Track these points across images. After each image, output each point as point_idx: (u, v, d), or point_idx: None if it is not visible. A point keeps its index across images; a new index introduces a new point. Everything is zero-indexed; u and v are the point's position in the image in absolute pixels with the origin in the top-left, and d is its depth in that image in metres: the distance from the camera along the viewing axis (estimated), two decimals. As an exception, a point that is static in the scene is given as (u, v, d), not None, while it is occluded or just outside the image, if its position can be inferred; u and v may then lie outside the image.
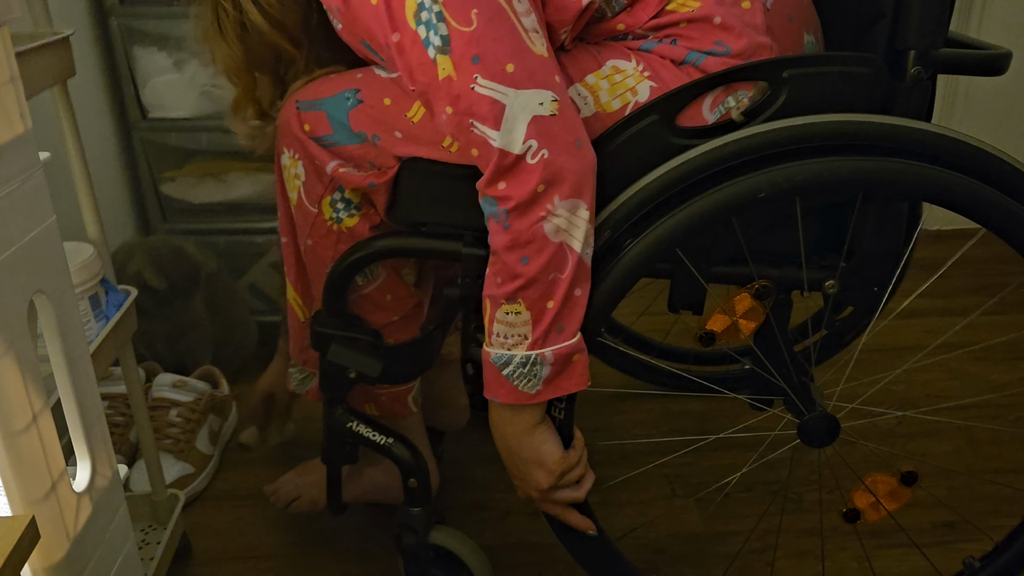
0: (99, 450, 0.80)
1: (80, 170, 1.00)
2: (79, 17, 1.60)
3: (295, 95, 1.01)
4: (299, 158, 1.01)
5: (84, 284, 0.96)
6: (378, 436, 1.09)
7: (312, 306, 1.13)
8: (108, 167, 1.70)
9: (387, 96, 0.95)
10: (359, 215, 1.02)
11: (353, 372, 1.05)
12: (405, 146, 0.95)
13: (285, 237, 1.11)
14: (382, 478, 1.23)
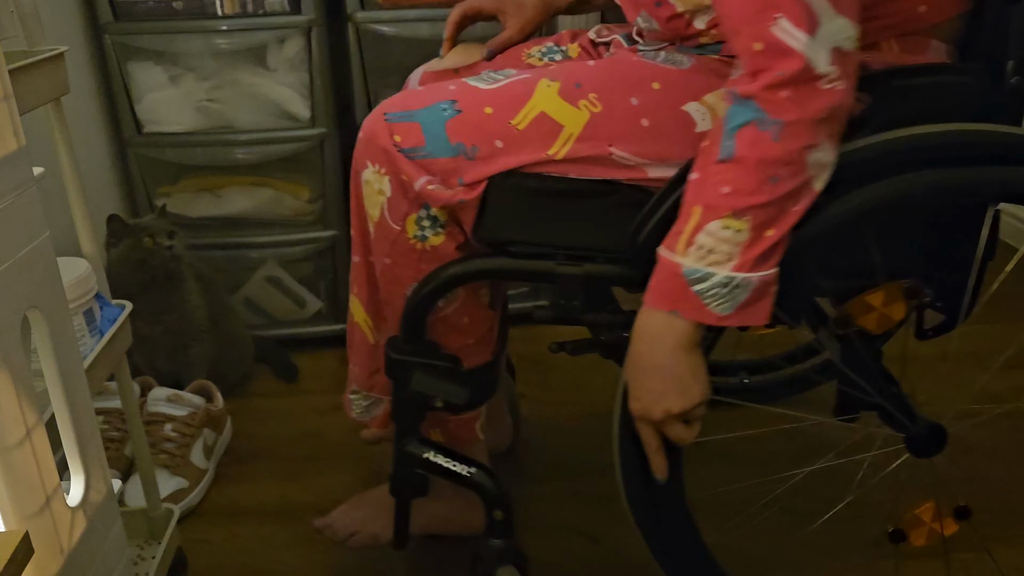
0: (93, 465, 0.80)
1: (74, 185, 1.00)
2: (73, 34, 1.60)
3: (383, 107, 0.99)
4: (385, 173, 0.98)
5: (78, 299, 0.96)
6: (459, 466, 1.05)
7: (383, 328, 1.10)
8: (103, 182, 1.70)
9: (488, 105, 0.94)
10: (444, 234, 0.99)
11: (440, 401, 1.01)
12: (505, 156, 0.93)
13: (357, 256, 1.08)
14: (443, 509, 1.20)
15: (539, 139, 0.92)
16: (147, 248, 1.46)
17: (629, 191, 0.94)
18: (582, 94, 0.94)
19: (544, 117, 0.93)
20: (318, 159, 1.73)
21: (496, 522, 1.05)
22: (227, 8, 1.61)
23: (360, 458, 1.50)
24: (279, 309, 1.86)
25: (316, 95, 1.68)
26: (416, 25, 1.68)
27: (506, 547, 1.06)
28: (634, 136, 0.93)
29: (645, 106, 0.93)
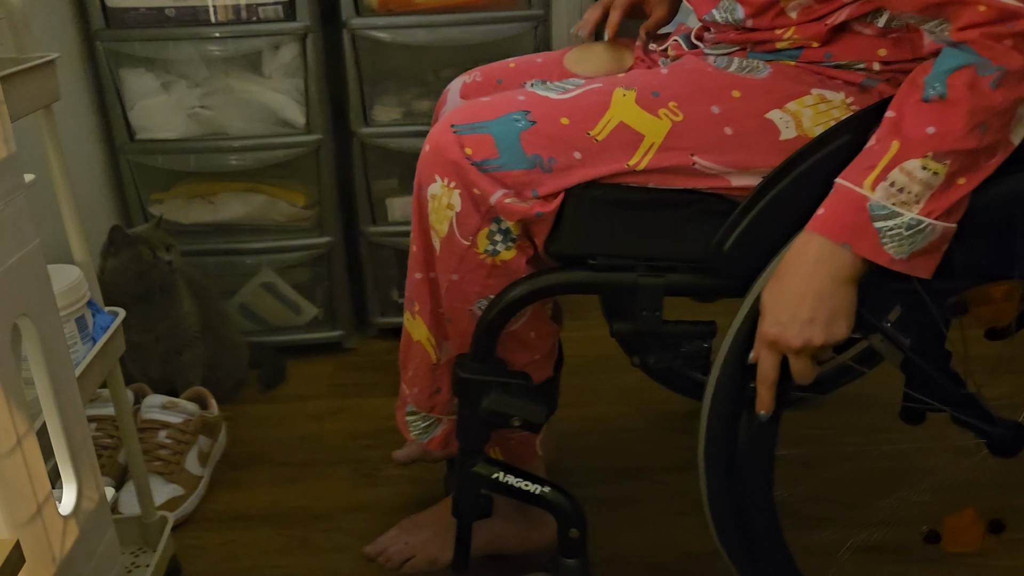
0: (85, 473, 0.80)
1: (65, 192, 1.00)
2: (65, 41, 1.60)
3: (449, 119, 0.96)
4: (455, 187, 0.94)
5: (70, 306, 0.95)
6: (531, 486, 1.02)
7: (444, 347, 1.07)
8: (96, 189, 1.70)
9: (564, 116, 0.93)
10: (515, 248, 0.96)
11: (518, 420, 0.98)
12: (584, 168, 0.92)
13: (419, 273, 1.04)
14: (503, 529, 1.18)
15: (619, 149, 0.91)
16: (146, 261, 1.46)
17: (710, 200, 0.94)
18: (661, 103, 0.93)
19: (624, 127, 0.92)
20: (313, 165, 1.73)
21: (570, 541, 1.02)
22: (220, 15, 1.61)
23: (355, 463, 1.50)
24: (274, 315, 1.86)
25: (311, 101, 1.68)
26: (412, 31, 1.68)
27: (580, 566, 1.03)
28: (717, 145, 0.92)
29: (727, 114, 0.92)
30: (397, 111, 1.77)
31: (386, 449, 1.53)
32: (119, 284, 1.45)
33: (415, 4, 1.67)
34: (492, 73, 1.19)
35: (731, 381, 0.92)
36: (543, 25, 1.72)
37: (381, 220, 1.83)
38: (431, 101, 1.78)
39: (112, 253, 1.45)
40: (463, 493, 1.05)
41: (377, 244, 1.84)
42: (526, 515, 1.18)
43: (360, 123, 1.74)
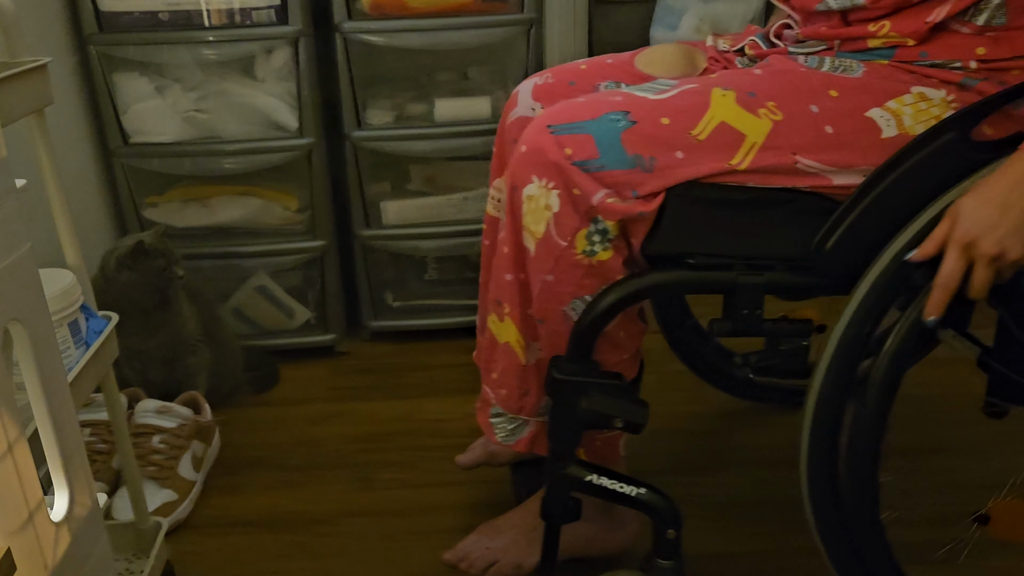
0: (78, 479, 0.80)
1: (58, 197, 0.99)
2: (58, 45, 1.60)
3: (545, 119, 0.96)
4: (553, 187, 0.94)
5: (63, 311, 0.95)
6: (626, 487, 1.01)
7: (532, 348, 1.07)
8: (90, 193, 1.69)
9: (664, 116, 0.93)
10: (612, 248, 0.97)
11: (620, 421, 0.98)
12: (686, 167, 0.92)
13: (511, 274, 1.03)
14: (587, 531, 1.17)
15: (721, 149, 0.92)
16: (164, 276, 1.48)
17: (809, 198, 0.95)
18: (760, 103, 0.94)
19: (725, 127, 0.92)
20: (307, 169, 1.73)
21: (668, 542, 1.01)
22: (214, 19, 1.61)
23: (352, 467, 1.50)
24: (268, 319, 1.85)
25: (304, 105, 1.68)
26: (405, 35, 1.68)
27: (675, 568, 1.03)
28: (818, 144, 0.93)
29: (827, 113, 0.93)
30: (390, 114, 1.77)
31: (383, 453, 1.53)
32: (132, 296, 1.46)
33: (408, 8, 1.67)
34: (563, 75, 1.19)
35: (839, 377, 0.92)
36: (536, 28, 1.72)
37: (375, 223, 1.83)
38: (424, 104, 1.78)
39: (130, 266, 1.45)
40: (553, 496, 1.04)
41: (370, 248, 1.84)
42: (609, 517, 1.18)
43: (353, 126, 1.73)
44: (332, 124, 1.76)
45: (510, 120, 1.20)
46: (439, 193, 1.86)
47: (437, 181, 1.90)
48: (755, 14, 1.93)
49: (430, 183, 1.90)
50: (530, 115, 1.17)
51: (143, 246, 1.44)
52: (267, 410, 1.68)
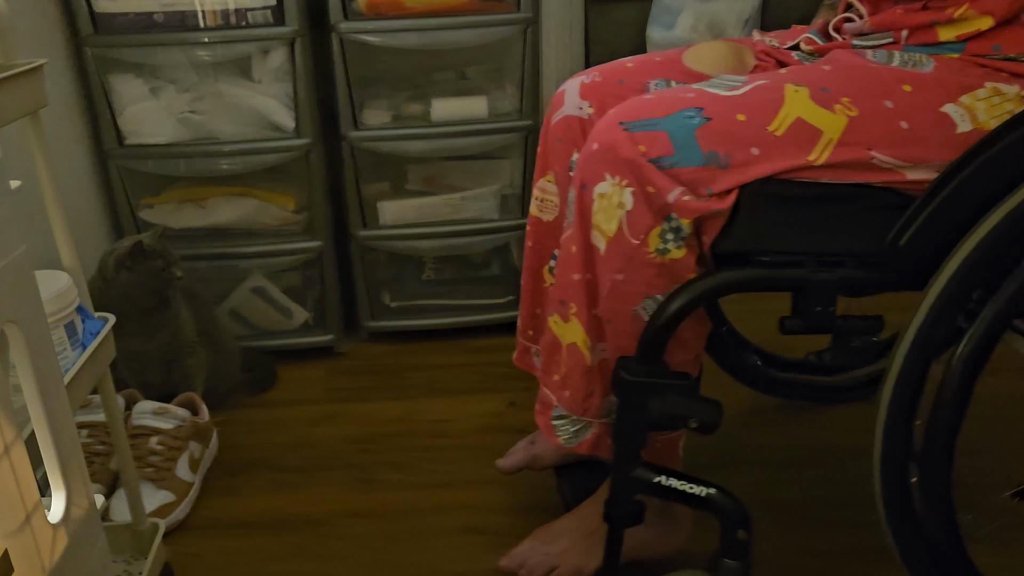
0: (75, 480, 0.79)
1: (53, 198, 0.99)
2: (53, 47, 1.59)
3: (615, 116, 0.96)
4: (627, 185, 0.94)
5: (59, 312, 0.95)
6: (695, 488, 1.00)
7: (596, 349, 1.05)
8: (85, 195, 1.69)
9: (740, 112, 0.93)
10: (685, 247, 0.96)
11: (695, 422, 0.97)
12: (762, 164, 0.92)
13: (578, 274, 1.02)
14: (645, 534, 1.14)
15: (798, 145, 0.92)
16: (163, 277, 1.47)
17: (882, 194, 0.95)
18: (834, 99, 0.94)
19: (802, 123, 0.92)
20: (304, 169, 1.73)
21: (737, 542, 1.00)
22: (209, 20, 1.60)
23: (350, 468, 1.50)
24: (265, 320, 1.85)
25: (300, 105, 1.68)
26: (401, 35, 1.68)
27: (743, 568, 1.02)
28: (894, 139, 0.93)
29: (901, 109, 0.93)
30: (387, 114, 1.77)
31: (382, 454, 1.53)
32: (131, 297, 1.46)
33: (404, 8, 1.67)
34: (611, 73, 1.18)
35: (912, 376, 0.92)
36: (533, 27, 1.71)
37: (372, 224, 1.82)
38: (421, 104, 1.78)
39: (129, 267, 1.44)
40: (618, 499, 1.03)
41: (368, 248, 1.84)
42: (666, 519, 1.17)
43: (350, 127, 1.73)
44: (329, 124, 1.76)
45: (556, 120, 1.19)
46: (437, 193, 1.86)
47: (435, 181, 1.90)
48: (751, 13, 1.93)
49: (428, 183, 1.90)
50: (578, 114, 1.16)
51: (142, 247, 1.44)
52: (265, 411, 1.68)
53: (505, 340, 1.89)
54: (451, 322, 1.91)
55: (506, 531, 1.33)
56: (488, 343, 1.89)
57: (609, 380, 1.05)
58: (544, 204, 1.23)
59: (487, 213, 1.85)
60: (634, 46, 2.04)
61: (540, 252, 1.26)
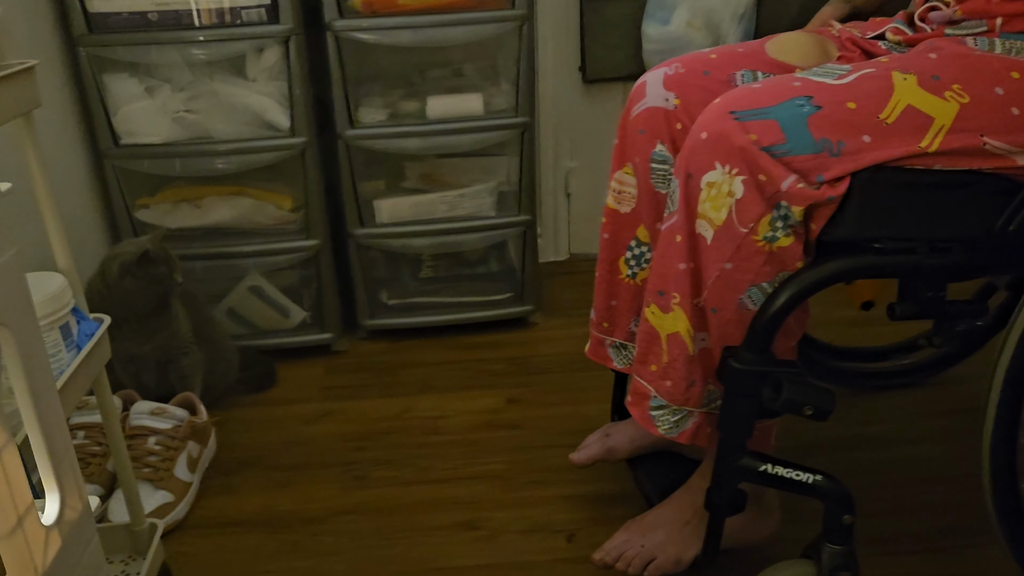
0: (68, 482, 0.79)
1: (47, 200, 0.99)
2: (47, 47, 1.59)
3: (724, 106, 0.97)
4: (736, 173, 0.95)
5: (54, 314, 0.95)
6: (802, 475, 1.00)
7: (697, 338, 1.05)
8: (81, 195, 1.69)
9: (851, 100, 0.94)
10: (793, 235, 0.97)
11: (810, 409, 0.96)
12: (874, 151, 0.93)
13: (684, 263, 1.02)
14: (739, 522, 1.13)
15: (909, 132, 0.93)
16: (166, 284, 1.48)
17: (991, 180, 0.96)
18: (945, 86, 0.94)
19: (912, 110, 0.93)
20: (299, 168, 1.73)
21: (842, 527, 1.01)
22: (203, 19, 1.60)
23: (345, 466, 1.50)
24: (263, 319, 1.85)
25: (296, 104, 1.68)
26: (396, 33, 1.68)
27: (848, 552, 1.02)
28: (1006, 125, 0.93)
29: (1011, 95, 0.94)
30: (383, 112, 1.77)
31: (376, 451, 1.53)
32: (133, 303, 1.46)
33: (398, 5, 1.66)
34: (694, 64, 1.18)
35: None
36: (528, 24, 1.71)
37: (369, 222, 1.82)
38: (417, 102, 1.78)
39: (134, 274, 1.44)
40: (722, 487, 1.04)
41: (365, 246, 1.84)
42: (759, 506, 1.17)
43: (345, 125, 1.73)
44: (324, 123, 1.76)
45: (637, 111, 1.19)
46: (433, 190, 1.86)
47: (431, 178, 1.90)
48: (746, 8, 1.93)
49: (424, 180, 1.90)
50: (663, 105, 1.16)
51: (150, 255, 1.44)
52: (261, 410, 1.68)
53: (502, 337, 1.90)
54: (449, 319, 1.91)
55: (500, 527, 1.34)
56: (485, 340, 1.89)
57: (710, 369, 1.06)
58: (621, 196, 1.24)
59: (484, 210, 1.85)
60: (629, 42, 2.04)
61: (616, 244, 1.26)
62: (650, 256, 1.23)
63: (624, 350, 1.30)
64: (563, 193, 2.21)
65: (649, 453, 1.32)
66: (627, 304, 1.27)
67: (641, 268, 1.25)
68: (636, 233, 1.24)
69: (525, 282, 1.92)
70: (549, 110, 2.10)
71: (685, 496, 1.17)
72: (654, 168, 1.18)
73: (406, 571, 1.27)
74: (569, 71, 2.10)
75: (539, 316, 1.96)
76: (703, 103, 1.10)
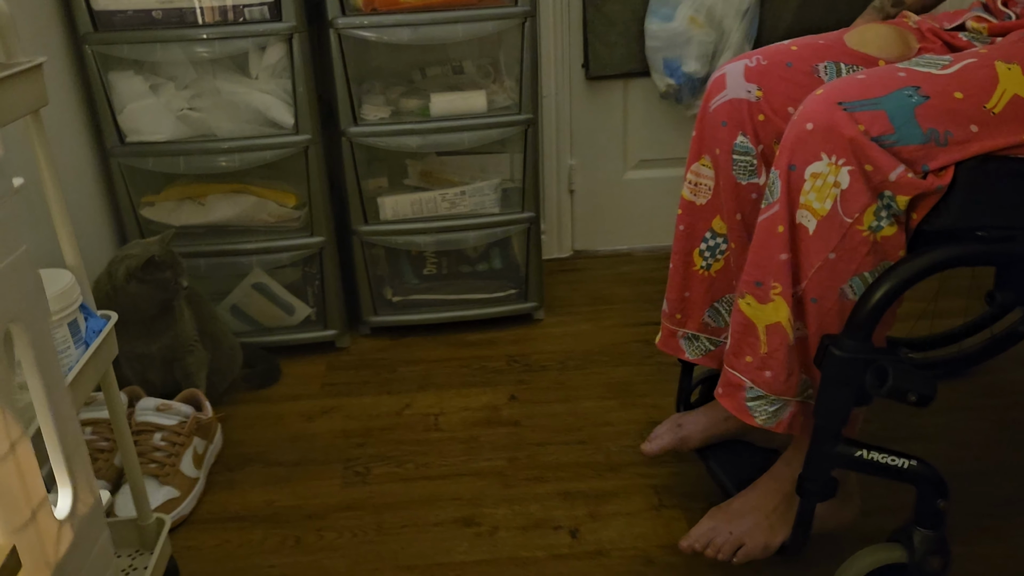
0: (80, 477, 0.80)
1: (56, 197, 1.00)
2: (53, 45, 1.60)
3: (832, 96, 0.97)
4: (843, 164, 0.96)
5: (63, 311, 0.95)
6: (898, 460, 1.02)
7: (795, 326, 1.05)
8: (87, 193, 1.70)
9: (958, 90, 0.95)
10: (896, 224, 0.98)
11: (914, 395, 0.97)
12: (981, 140, 0.94)
13: (785, 253, 1.03)
14: (824, 509, 1.15)
15: (1016, 122, 0.94)
16: (171, 288, 1.48)
17: None
18: None
19: (1019, 99, 0.94)
20: (303, 165, 1.73)
21: (936, 512, 1.03)
22: (207, 16, 1.61)
23: (347, 462, 1.51)
24: (266, 316, 1.86)
25: (299, 101, 1.68)
26: (399, 30, 1.69)
27: (940, 537, 1.04)
28: None
29: None
30: (385, 109, 1.77)
31: (377, 447, 1.54)
32: (139, 305, 1.47)
33: (400, 3, 1.67)
34: (776, 56, 1.19)
35: None
36: (531, 21, 1.72)
37: (372, 219, 1.83)
38: (419, 99, 1.79)
39: (140, 279, 1.45)
40: (816, 474, 1.05)
41: (369, 243, 1.85)
42: (843, 493, 1.17)
43: (349, 122, 1.74)
44: (328, 120, 1.77)
45: (717, 103, 1.20)
46: (435, 188, 1.86)
47: (434, 176, 1.91)
48: (749, 4, 1.94)
49: (426, 178, 1.91)
50: (746, 97, 1.17)
51: (155, 261, 1.45)
52: (263, 406, 1.69)
53: (502, 334, 1.91)
54: (453, 316, 1.92)
55: (500, 523, 1.35)
56: (486, 337, 1.90)
57: (805, 359, 1.07)
58: (698, 188, 1.25)
59: (487, 207, 1.86)
60: (631, 38, 2.04)
61: (691, 235, 1.27)
62: (724, 248, 1.25)
63: (696, 341, 1.32)
64: (566, 190, 2.22)
65: (720, 443, 1.33)
66: (701, 295, 1.28)
67: (716, 259, 1.26)
68: (712, 224, 1.25)
69: (529, 279, 1.93)
70: (552, 107, 2.11)
71: (771, 483, 1.18)
72: (736, 160, 1.19)
73: (406, 566, 1.28)
74: (572, 68, 2.11)
75: (542, 313, 1.97)
76: (786, 95, 1.13)
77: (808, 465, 1.05)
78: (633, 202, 2.26)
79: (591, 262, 2.26)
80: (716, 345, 1.30)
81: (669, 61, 1.98)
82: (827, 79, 1.13)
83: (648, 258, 2.24)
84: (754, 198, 1.18)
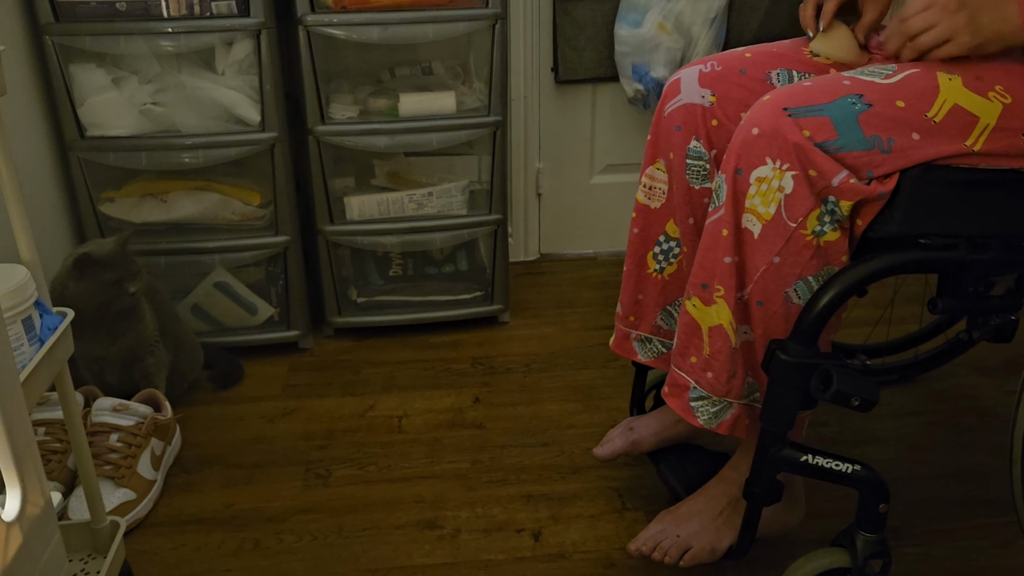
0: (30, 477, 0.78)
1: (12, 190, 0.97)
2: (12, 35, 1.56)
3: (778, 102, 0.99)
4: (788, 168, 0.98)
5: (17, 307, 0.93)
6: (841, 465, 1.04)
7: (739, 330, 1.06)
8: (45, 187, 1.66)
9: (900, 99, 0.97)
10: (839, 229, 1.00)
11: (857, 400, 0.98)
12: (922, 148, 0.96)
13: (730, 256, 1.04)
14: (770, 512, 1.15)
15: (956, 131, 0.95)
16: (111, 292, 1.44)
17: None
18: (988, 86, 0.97)
19: (959, 109, 0.96)
20: (268, 163, 1.71)
21: (877, 515, 1.04)
22: (173, 10, 1.58)
23: (307, 464, 1.49)
24: (229, 316, 1.83)
25: (266, 99, 1.66)
26: (368, 29, 1.67)
27: (881, 540, 1.06)
28: None
29: None
30: (353, 108, 1.76)
31: (338, 450, 1.53)
32: (81, 307, 1.42)
33: (371, 1, 1.66)
34: (731, 62, 1.20)
35: None
36: (502, 23, 1.71)
37: (338, 219, 1.82)
38: (388, 99, 1.77)
39: (76, 277, 1.41)
40: (761, 477, 1.06)
41: (334, 243, 1.83)
42: (788, 497, 1.18)
43: (316, 121, 1.72)
44: (295, 118, 1.75)
45: (672, 108, 1.20)
46: (403, 188, 1.85)
47: (401, 176, 1.89)
48: (717, 12, 1.95)
49: (394, 178, 1.89)
50: (700, 102, 1.18)
51: (89, 259, 1.40)
52: (223, 407, 1.67)
53: (467, 336, 1.90)
54: (418, 318, 1.91)
55: (462, 526, 1.34)
56: (450, 339, 1.90)
57: (751, 362, 1.08)
58: (652, 191, 1.26)
59: (454, 209, 1.85)
60: (601, 44, 2.05)
61: (646, 239, 1.28)
62: (678, 251, 1.25)
63: (649, 343, 1.32)
64: (534, 193, 2.22)
65: (671, 446, 1.34)
66: (654, 298, 1.29)
67: (669, 263, 1.27)
68: (665, 228, 1.26)
69: (495, 282, 1.92)
70: (520, 110, 2.11)
71: (718, 487, 1.19)
72: (689, 164, 1.19)
73: (367, 570, 1.27)
74: (541, 71, 2.11)
75: (507, 315, 1.96)
76: (739, 101, 1.15)
77: (754, 469, 1.06)
78: (599, 206, 2.26)
79: (557, 265, 2.26)
80: (668, 348, 1.31)
81: (638, 66, 1.99)
82: (779, 86, 1.15)
83: (613, 262, 2.25)
84: (707, 202, 1.19)
